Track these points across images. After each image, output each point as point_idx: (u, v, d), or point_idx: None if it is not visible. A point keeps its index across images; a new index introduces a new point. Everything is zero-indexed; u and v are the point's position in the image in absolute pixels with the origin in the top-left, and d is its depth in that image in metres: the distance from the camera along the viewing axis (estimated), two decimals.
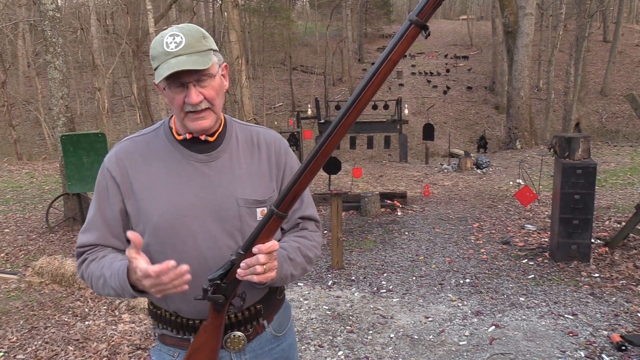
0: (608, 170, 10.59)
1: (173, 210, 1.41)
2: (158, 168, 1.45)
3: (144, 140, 1.50)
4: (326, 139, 1.21)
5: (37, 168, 13.87)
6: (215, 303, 1.35)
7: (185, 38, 1.33)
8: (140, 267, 1.26)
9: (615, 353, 3.44)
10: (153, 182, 1.43)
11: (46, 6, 7.04)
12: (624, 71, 30.92)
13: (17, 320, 4.52)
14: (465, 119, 27.77)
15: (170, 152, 1.46)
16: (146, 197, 1.42)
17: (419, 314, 4.30)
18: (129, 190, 1.44)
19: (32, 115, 23.51)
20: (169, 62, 1.31)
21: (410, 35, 1.10)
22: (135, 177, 1.44)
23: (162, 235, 1.41)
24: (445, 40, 41.91)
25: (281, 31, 32.05)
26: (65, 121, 7.32)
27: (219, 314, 1.36)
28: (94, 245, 1.47)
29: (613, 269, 4.99)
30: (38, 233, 7.46)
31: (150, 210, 1.41)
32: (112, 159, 1.46)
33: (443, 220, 7.39)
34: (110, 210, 1.45)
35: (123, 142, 1.51)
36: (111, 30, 26.01)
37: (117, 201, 1.44)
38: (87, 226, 1.48)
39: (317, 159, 1.22)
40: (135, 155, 1.46)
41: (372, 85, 1.15)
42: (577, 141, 5.10)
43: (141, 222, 1.43)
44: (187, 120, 1.39)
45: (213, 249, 1.42)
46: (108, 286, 1.39)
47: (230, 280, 1.33)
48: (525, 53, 15.44)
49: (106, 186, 1.45)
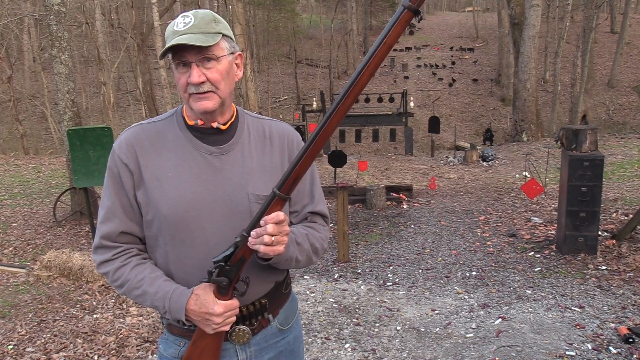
0: (615, 163, 10.53)
1: (183, 203, 1.40)
2: (168, 158, 1.42)
3: (155, 128, 1.47)
4: (325, 121, 1.25)
5: (44, 162, 13.93)
6: (219, 286, 1.36)
7: (194, 19, 1.36)
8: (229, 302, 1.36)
9: (623, 345, 3.43)
10: (163, 172, 1.41)
11: (52, 0, 7.05)
12: (631, 62, 30.64)
13: (26, 313, 4.56)
14: (471, 111, 27.64)
15: (181, 143, 1.44)
16: (156, 188, 1.40)
17: (425, 307, 4.30)
18: (139, 178, 1.42)
19: (38, 109, 23.60)
20: (172, 40, 1.34)
21: (404, 20, 1.17)
22: (145, 165, 1.42)
23: (172, 228, 1.40)
24: (451, 33, 41.67)
25: (286, 24, 31.95)
26: (72, 115, 7.34)
27: (223, 297, 1.37)
28: (117, 239, 1.44)
29: (620, 261, 4.97)
30: (45, 227, 7.50)
31: (160, 202, 1.40)
32: (123, 145, 1.43)
33: (449, 213, 7.38)
34: (126, 196, 1.43)
35: (132, 128, 1.48)
36: (116, 25, 26.02)
37: (131, 187, 1.42)
38: (107, 215, 1.44)
39: (316, 142, 1.26)
40: (145, 143, 1.43)
41: (368, 69, 1.20)
42: (584, 133, 5.07)
43: (150, 212, 1.42)
44: (192, 101, 1.39)
45: (222, 244, 1.41)
46: (147, 300, 1.41)
47: (235, 263, 1.34)
48: (531, 45, 15.34)
49: (118, 173, 1.42)
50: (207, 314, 1.34)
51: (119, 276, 1.42)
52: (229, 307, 1.36)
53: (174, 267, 1.44)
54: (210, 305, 1.34)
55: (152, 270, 1.43)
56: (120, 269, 1.42)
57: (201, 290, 1.36)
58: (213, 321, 1.35)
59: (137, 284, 1.40)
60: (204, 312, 1.34)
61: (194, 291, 1.37)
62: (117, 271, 1.42)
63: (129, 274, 1.42)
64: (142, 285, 1.40)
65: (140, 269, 1.42)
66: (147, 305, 1.43)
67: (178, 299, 1.37)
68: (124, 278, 1.42)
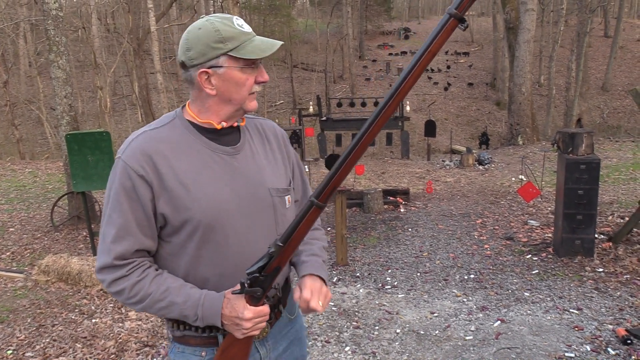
0: (610, 166, 10.59)
1: (214, 205, 1.39)
2: (189, 163, 1.39)
3: (164, 133, 1.42)
4: (365, 130, 1.25)
5: (40, 167, 13.89)
6: (252, 296, 1.36)
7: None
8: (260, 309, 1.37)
9: (621, 347, 3.46)
10: (187, 177, 1.38)
11: (49, 5, 7.05)
12: (625, 66, 30.85)
13: (24, 318, 4.55)
14: (467, 115, 27.74)
15: (197, 146, 1.42)
16: (184, 194, 1.37)
17: (424, 310, 4.32)
18: (160, 187, 1.36)
19: (34, 114, 23.53)
20: (254, 41, 1.38)
21: (450, 28, 1.17)
22: (166, 173, 1.36)
23: (206, 231, 1.39)
24: None
25: (282, 29, 31.98)
26: (69, 120, 7.34)
27: (254, 304, 1.38)
28: (131, 256, 1.39)
29: (617, 263, 5.01)
30: (43, 232, 7.49)
31: (192, 207, 1.36)
32: (137, 156, 1.36)
33: (446, 217, 7.41)
34: (141, 211, 1.36)
35: (140, 136, 1.41)
36: (112, 29, 26.01)
37: (149, 200, 1.36)
38: (119, 233, 1.35)
39: (356, 151, 1.26)
40: (161, 150, 1.38)
41: (412, 77, 1.21)
42: (581, 136, 5.11)
43: (177, 219, 1.37)
44: (248, 101, 1.43)
45: (252, 241, 1.44)
46: (174, 310, 1.37)
47: (269, 273, 1.35)
48: (526, 49, 15.41)
49: (133, 187, 1.35)
50: (237, 318, 1.35)
51: (137, 291, 1.36)
52: (259, 313, 1.37)
53: (208, 270, 1.42)
54: (240, 310, 1.34)
55: (174, 280, 1.40)
56: (139, 283, 1.37)
57: (232, 295, 1.37)
58: (242, 326, 1.35)
59: (160, 295, 1.36)
60: (234, 317, 1.35)
61: (225, 295, 1.37)
62: (134, 286, 1.36)
63: (150, 287, 1.37)
64: (167, 297, 1.36)
65: (161, 280, 1.38)
66: (172, 316, 1.39)
67: (211, 304, 1.36)
68: (144, 292, 1.36)
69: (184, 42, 1.39)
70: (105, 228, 1.38)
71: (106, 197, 1.40)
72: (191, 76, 1.40)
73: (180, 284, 1.39)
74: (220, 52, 1.36)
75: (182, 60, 1.39)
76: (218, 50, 1.36)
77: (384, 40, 40.28)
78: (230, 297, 1.36)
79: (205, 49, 1.35)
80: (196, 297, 1.37)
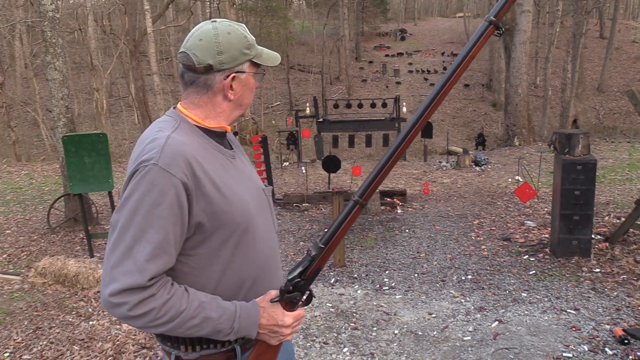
0: (606, 167, 10.63)
1: (246, 207, 1.37)
2: (212, 165, 1.34)
3: (185, 138, 1.34)
4: (408, 132, 1.32)
5: (36, 169, 13.85)
6: (290, 302, 1.35)
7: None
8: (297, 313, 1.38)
9: (619, 347, 3.47)
10: (220, 181, 1.33)
11: (46, 7, 7.04)
12: (620, 67, 30.97)
13: (21, 320, 4.54)
14: (463, 116, 27.80)
15: (210, 149, 1.39)
16: (219, 198, 1.31)
17: (422, 311, 4.33)
18: (198, 194, 1.27)
19: (30, 116, 23.47)
20: (269, 51, 1.45)
21: (489, 34, 1.29)
22: (203, 177, 1.29)
23: (241, 233, 1.36)
24: (442, 38, 41.92)
25: (278, 30, 32.00)
26: (66, 122, 7.33)
27: (290, 309, 1.38)
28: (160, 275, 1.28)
29: (614, 264, 5.03)
30: (39, 234, 7.46)
31: (227, 211, 1.31)
32: (178, 162, 1.25)
33: (443, 218, 7.42)
34: (180, 224, 1.26)
35: (170, 140, 1.29)
36: (108, 31, 25.98)
37: (188, 210, 1.26)
38: (156, 251, 1.22)
39: (398, 152, 1.32)
40: (194, 154, 1.30)
41: (454, 79, 1.30)
42: (577, 137, 5.13)
43: (212, 226, 1.31)
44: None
45: (269, 240, 1.48)
46: (208, 327, 1.28)
47: (309, 276, 1.35)
48: (522, 50, 15.46)
49: (176, 197, 1.23)
50: (276, 326, 1.34)
51: (167, 310, 1.24)
52: (298, 317, 1.38)
53: (243, 274, 1.38)
54: (280, 317, 1.34)
55: (203, 294, 1.31)
56: (169, 301, 1.24)
57: (266, 303, 1.35)
58: (282, 332, 1.35)
59: (194, 312, 1.26)
60: (273, 325, 1.34)
61: (259, 304, 1.35)
62: (164, 305, 1.23)
63: (181, 304, 1.25)
64: (200, 312, 1.26)
65: (190, 295, 1.28)
66: (201, 334, 1.29)
67: (248, 315, 1.32)
68: (175, 311, 1.24)
69: (214, 44, 1.34)
70: (134, 244, 1.22)
71: (132, 209, 1.23)
72: (211, 80, 1.36)
73: (212, 298, 1.31)
74: (247, 57, 1.39)
75: (210, 63, 1.34)
76: (246, 56, 1.39)
77: (381, 42, 40.33)
78: (265, 305, 1.34)
79: (237, 54, 1.37)
80: (231, 310, 1.30)
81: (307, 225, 7.46)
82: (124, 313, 1.22)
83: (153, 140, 1.29)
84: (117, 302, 1.20)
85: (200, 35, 1.36)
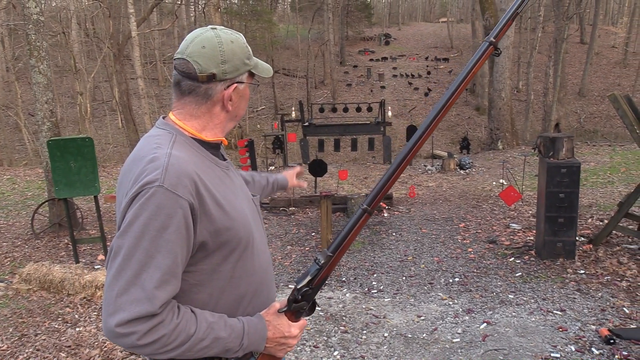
0: (588, 170, 10.80)
1: (245, 220, 1.35)
2: (211, 179, 1.30)
3: (184, 153, 1.28)
4: (416, 142, 1.34)
5: (19, 174, 13.66)
6: (297, 312, 1.35)
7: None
8: (302, 322, 1.38)
9: (605, 346, 3.53)
10: (220, 197, 1.29)
11: (30, 10, 6.97)
12: (600, 72, 31.48)
13: (6, 328, 4.47)
14: (447, 120, 27.99)
15: (208, 163, 1.35)
16: (221, 215, 1.27)
17: (411, 313, 4.35)
18: (201, 212, 1.23)
19: (11, 120, 23.13)
20: (263, 63, 1.42)
21: (489, 53, 1.37)
22: (206, 195, 1.24)
23: (243, 247, 1.33)
24: (426, 43, 42.23)
25: (263, 34, 31.97)
26: (50, 126, 7.25)
27: (294, 319, 1.37)
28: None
29: (598, 265, 5.11)
30: (23, 239, 7.36)
31: (231, 228, 1.28)
32: (184, 182, 1.19)
33: (429, 221, 7.47)
34: (188, 246, 1.22)
35: (172, 158, 1.22)
36: (92, 34, 25.73)
37: (192, 234, 1.22)
38: (165, 277, 1.16)
39: (406, 161, 1.34)
40: (196, 171, 1.25)
41: (459, 92, 1.37)
42: (561, 141, 5.21)
43: (215, 243, 1.27)
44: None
45: (267, 251, 1.49)
46: (217, 347, 1.24)
47: (317, 285, 1.34)
48: (505, 55, 15.66)
49: (184, 219, 1.18)
50: (283, 337, 1.33)
51: (178, 334, 1.19)
52: (302, 327, 1.38)
53: (243, 289, 1.36)
54: (286, 329, 1.33)
55: (209, 314, 1.27)
56: (179, 325, 1.19)
57: (271, 316, 1.34)
58: (289, 344, 1.34)
59: (204, 334, 1.22)
60: (279, 337, 1.33)
61: (265, 318, 1.34)
62: (175, 330, 1.18)
63: (190, 327, 1.21)
64: (210, 333, 1.23)
65: (198, 317, 1.24)
66: (210, 354, 1.25)
67: (256, 330, 1.30)
68: (185, 334, 1.20)
69: (219, 53, 1.29)
70: (141, 270, 1.15)
71: (137, 233, 1.16)
72: (212, 89, 1.31)
73: (219, 317, 1.27)
74: (248, 68, 1.36)
75: (214, 72, 1.29)
76: (247, 67, 1.36)
77: (365, 46, 40.49)
78: (270, 318, 1.34)
79: (239, 64, 1.33)
80: (239, 327, 1.28)
81: (294, 229, 7.46)
82: (132, 342, 1.14)
83: (153, 159, 1.21)
84: (124, 332, 1.13)
85: (202, 42, 1.29)
